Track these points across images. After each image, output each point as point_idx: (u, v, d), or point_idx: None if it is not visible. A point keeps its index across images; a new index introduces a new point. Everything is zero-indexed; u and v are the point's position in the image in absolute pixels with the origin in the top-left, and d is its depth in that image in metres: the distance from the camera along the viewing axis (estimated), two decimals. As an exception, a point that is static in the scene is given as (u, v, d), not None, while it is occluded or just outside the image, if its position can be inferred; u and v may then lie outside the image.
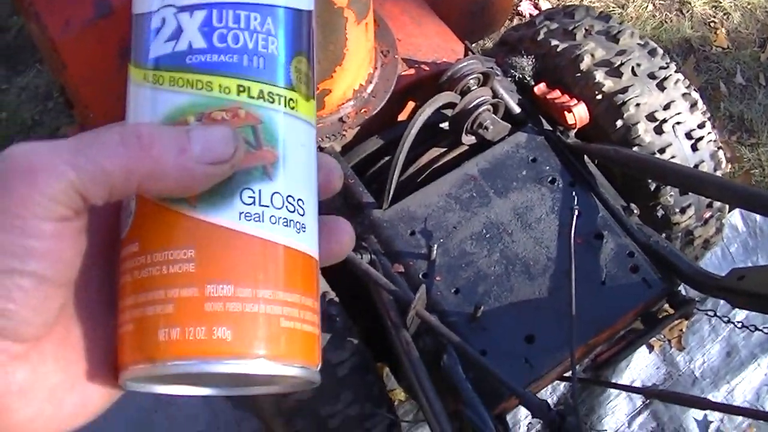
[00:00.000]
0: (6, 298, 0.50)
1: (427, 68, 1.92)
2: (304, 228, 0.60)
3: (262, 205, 0.57)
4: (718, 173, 1.99)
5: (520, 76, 2.02)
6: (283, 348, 0.58)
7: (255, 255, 0.57)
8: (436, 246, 1.72)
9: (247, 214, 0.57)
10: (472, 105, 1.80)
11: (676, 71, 1.97)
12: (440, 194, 1.80)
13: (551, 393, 2.63)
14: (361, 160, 1.88)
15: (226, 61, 0.58)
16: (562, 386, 2.64)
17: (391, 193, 1.76)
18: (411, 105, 1.97)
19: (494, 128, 1.85)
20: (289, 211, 0.59)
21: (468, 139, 1.86)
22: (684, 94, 1.95)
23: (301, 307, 0.59)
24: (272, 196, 0.58)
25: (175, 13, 0.58)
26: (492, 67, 1.90)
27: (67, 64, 1.92)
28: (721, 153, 1.99)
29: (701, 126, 1.95)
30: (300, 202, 0.60)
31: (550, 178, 1.83)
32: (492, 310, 1.69)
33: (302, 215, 0.60)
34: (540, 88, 1.95)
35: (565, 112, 1.86)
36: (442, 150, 1.91)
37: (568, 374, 1.89)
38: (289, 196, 0.59)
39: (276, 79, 0.60)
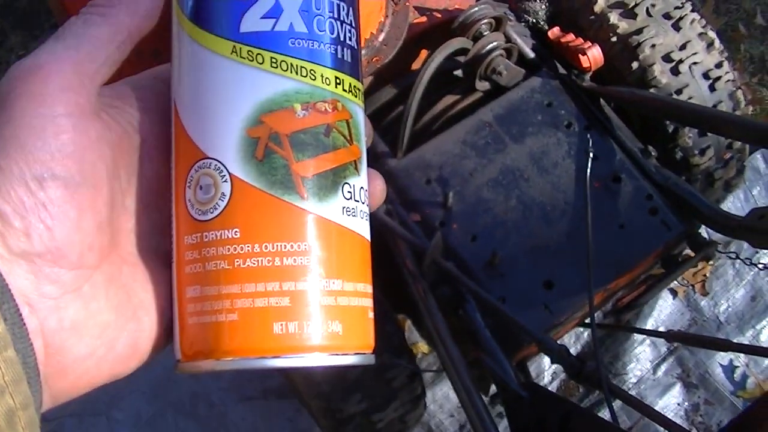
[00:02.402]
0: (43, 213, 0.51)
1: (439, 15, 1.90)
2: (368, 217, 0.62)
3: (356, 200, 0.59)
4: (737, 113, 1.96)
5: (534, 20, 1.99)
6: (371, 337, 0.62)
7: (354, 250, 0.59)
8: (452, 193, 1.71)
9: (347, 209, 0.58)
10: (485, 50, 1.78)
11: (691, 11, 1.94)
12: (455, 141, 1.79)
13: (575, 341, 2.63)
14: (375, 110, 1.87)
15: (325, 50, 0.58)
16: (585, 334, 2.64)
17: (405, 141, 1.75)
18: (424, 54, 1.95)
19: (508, 73, 1.83)
20: (365, 204, 0.60)
21: (482, 85, 1.85)
22: (700, 34, 1.92)
23: (371, 296, 0.61)
24: (360, 190, 0.60)
25: None
26: (505, 12, 1.88)
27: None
28: (740, 93, 1.96)
29: (719, 66, 1.92)
30: (367, 194, 0.62)
31: (566, 123, 1.81)
32: (510, 257, 1.68)
33: (368, 205, 0.61)
34: (554, 32, 1.92)
35: (580, 55, 1.83)
36: (457, 97, 1.89)
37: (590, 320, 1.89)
38: (365, 189, 0.61)
39: (357, 73, 0.61)
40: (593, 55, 1.83)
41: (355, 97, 0.60)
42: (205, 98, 0.57)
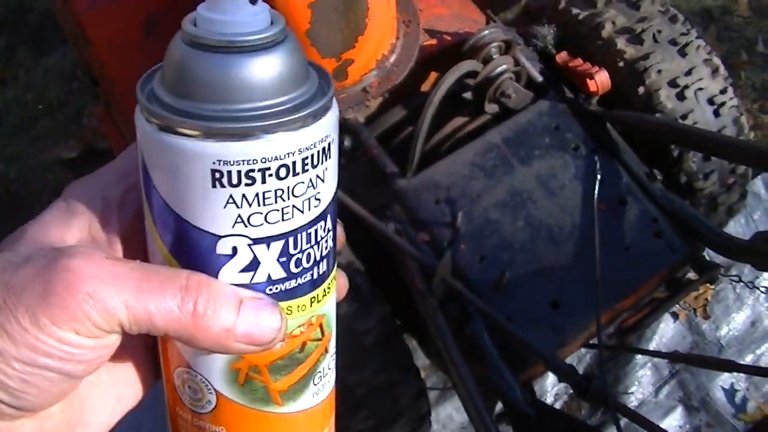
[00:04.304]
0: (28, 384, 0.54)
1: (449, 38, 1.92)
2: (336, 366, 0.66)
3: (324, 377, 0.63)
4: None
5: (542, 45, 2.02)
6: None
7: (318, 415, 0.65)
8: (460, 214, 1.73)
9: (317, 392, 0.63)
10: (494, 73, 1.81)
11: (697, 37, 1.97)
12: (464, 163, 1.81)
13: (578, 363, 2.64)
14: (384, 130, 1.89)
15: (302, 283, 0.58)
16: (588, 357, 2.65)
17: (415, 161, 1.78)
18: (433, 76, 1.97)
19: (517, 96, 1.85)
20: (333, 361, 0.65)
21: (491, 108, 1.87)
22: (705, 60, 1.95)
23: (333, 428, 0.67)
24: (329, 363, 0.64)
25: (249, 244, 0.55)
26: (514, 36, 1.90)
27: (91, 40, 1.93)
28: (743, 118, 1.99)
29: (723, 91, 1.95)
30: (335, 342, 0.65)
31: (573, 146, 1.84)
32: (517, 277, 1.70)
33: (335, 352, 0.65)
34: (561, 57, 1.95)
35: (587, 79, 1.86)
36: (465, 119, 1.91)
37: (594, 341, 1.90)
38: (334, 349, 0.65)
39: (331, 270, 0.61)
40: (601, 80, 1.85)
41: (328, 292, 0.61)
42: None
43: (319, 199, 0.56)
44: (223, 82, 0.52)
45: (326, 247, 0.59)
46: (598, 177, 1.75)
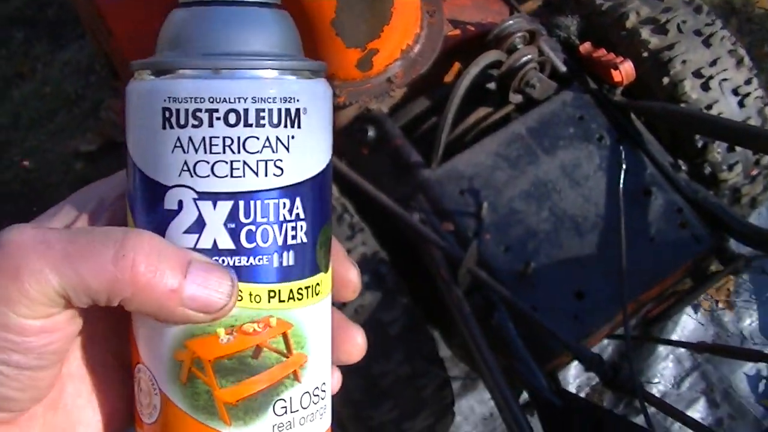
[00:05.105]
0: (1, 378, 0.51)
1: (473, 28, 1.92)
2: (326, 407, 0.59)
3: (293, 412, 0.56)
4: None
5: (565, 35, 2.01)
6: None
7: None
8: (485, 204, 1.73)
9: (279, 425, 0.55)
10: (519, 63, 1.81)
11: (721, 28, 1.97)
12: (488, 153, 1.81)
13: (600, 353, 2.64)
14: (409, 120, 1.89)
15: (256, 264, 0.54)
16: (609, 348, 2.65)
17: (440, 152, 1.77)
18: (457, 67, 1.97)
19: (541, 86, 1.85)
20: (315, 404, 0.57)
21: (515, 98, 1.87)
22: (730, 51, 1.95)
23: None
24: (301, 398, 0.56)
25: (194, 199, 0.52)
26: (538, 26, 1.90)
27: (113, 30, 1.93)
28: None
29: (748, 82, 1.94)
30: (323, 386, 0.58)
31: (597, 136, 1.83)
32: (542, 267, 1.70)
33: (324, 398, 0.58)
34: (585, 47, 1.94)
35: (612, 70, 1.85)
36: (489, 109, 1.91)
37: (618, 332, 1.90)
38: (315, 388, 0.57)
39: (304, 272, 0.56)
40: (625, 70, 1.84)
41: (300, 299, 0.55)
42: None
43: (280, 168, 0.53)
44: (181, 28, 0.55)
45: (294, 237, 0.55)
46: (623, 167, 1.74)
